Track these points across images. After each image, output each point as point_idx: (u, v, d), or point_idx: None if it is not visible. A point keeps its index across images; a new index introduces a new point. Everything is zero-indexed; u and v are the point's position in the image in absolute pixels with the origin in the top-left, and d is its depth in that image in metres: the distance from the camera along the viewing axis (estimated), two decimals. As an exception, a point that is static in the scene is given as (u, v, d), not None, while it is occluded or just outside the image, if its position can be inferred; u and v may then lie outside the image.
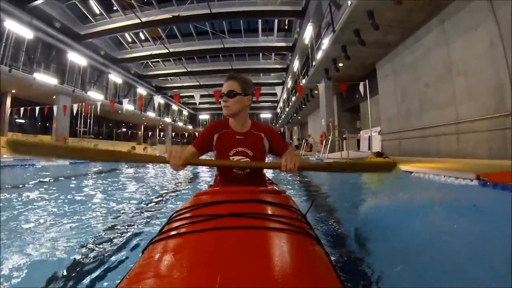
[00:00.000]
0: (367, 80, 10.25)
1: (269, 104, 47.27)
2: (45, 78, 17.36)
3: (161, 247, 0.72)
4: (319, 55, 12.78)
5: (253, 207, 0.92)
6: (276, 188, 1.63)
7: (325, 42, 11.72)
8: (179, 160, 1.41)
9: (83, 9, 18.68)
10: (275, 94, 40.09)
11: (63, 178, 6.45)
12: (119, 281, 0.62)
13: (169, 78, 32.46)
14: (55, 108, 15.68)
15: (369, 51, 10.86)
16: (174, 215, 0.97)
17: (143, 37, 23.41)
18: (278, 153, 1.82)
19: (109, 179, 6.49)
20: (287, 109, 29.80)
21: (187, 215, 0.89)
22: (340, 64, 12.22)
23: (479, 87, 7.07)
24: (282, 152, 1.80)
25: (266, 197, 1.09)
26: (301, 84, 14.89)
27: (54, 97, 18.51)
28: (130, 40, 23.85)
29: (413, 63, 9.70)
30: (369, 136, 12.88)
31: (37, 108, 15.24)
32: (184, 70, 27.85)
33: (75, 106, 13.53)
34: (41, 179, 6.04)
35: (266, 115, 50.86)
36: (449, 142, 8.16)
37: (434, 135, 8.74)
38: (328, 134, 14.10)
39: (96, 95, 22.22)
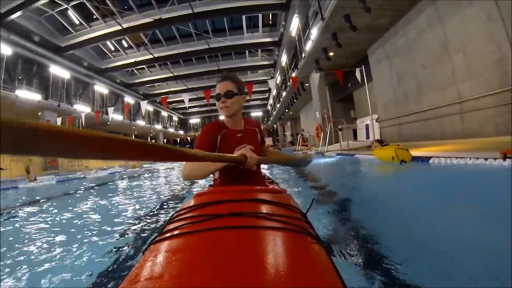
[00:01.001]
0: (363, 66, 9.89)
1: (258, 102, 46.95)
2: (28, 95, 16.79)
3: (162, 247, 0.70)
4: (308, 46, 12.50)
5: (254, 206, 0.91)
6: (276, 187, 1.59)
7: (314, 32, 11.44)
8: (255, 159, 1.42)
9: (61, 21, 18.07)
10: (264, 92, 39.94)
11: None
12: (121, 281, 0.61)
13: (156, 84, 31.86)
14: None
15: (360, 37, 10.64)
16: (174, 215, 0.96)
17: (126, 45, 22.84)
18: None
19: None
20: (278, 105, 29.53)
21: (188, 215, 0.88)
22: (331, 54, 11.96)
23: (480, 63, 6.87)
24: (263, 143, 1.98)
25: (267, 196, 1.06)
26: (293, 76, 14.51)
27: (40, 113, 17.93)
28: (113, 48, 23.23)
29: (407, 46, 9.49)
30: (367, 125, 12.69)
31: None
32: (171, 74, 27.35)
33: (59, 120, 12.93)
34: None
35: (257, 113, 50.50)
36: (452, 122, 7.94)
37: (436, 117, 8.52)
38: (324, 127, 13.86)
39: (82, 108, 21.60)
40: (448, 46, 7.82)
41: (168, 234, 0.78)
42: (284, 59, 20.71)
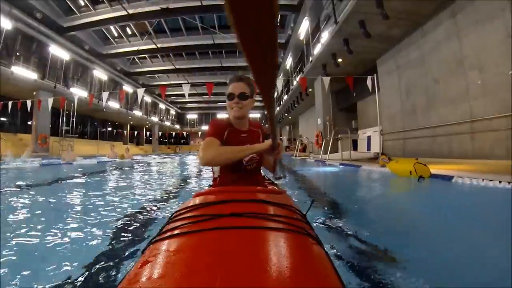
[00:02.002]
0: (375, 74, 9.54)
1: (258, 103, 46.47)
2: (24, 72, 16.28)
3: (161, 247, 0.70)
4: (317, 49, 12.19)
5: (254, 207, 0.92)
6: (276, 188, 1.60)
7: (325, 36, 11.14)
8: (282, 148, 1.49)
9: (67, 1, 17.63)
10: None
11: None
12: (119, 281, 0.61)
13: (156, 75, 31.38)
14: (29, 103, 14.48)
15: (371, 45, 10.36)
16: (174, 215, 0.96)
17: (130, 32, 22.39)
18: None
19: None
20: (278, 108, 29.21)
21: (187, 215, 0.88)
22: (340, 60, 11.66)
23: (496, 81, 6.60)
24: None
25: (267, 197, 1.07)
26: (297, 80, 14.20)
27: (34, 93, 17.39)
28: (116, 34, 22.76)
29: (420, 58, 9.21)
30: (369, 136, 12.41)
31: (10, 103, 13.87)
32: (172, 67, 26.92)
33: (50, 101, 12.42)
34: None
35: (255, 114, 50.15)
36: (462, 141, 7.66)
37: (445, 134, 8.24)
38: (325, 134, 13.55)
39: (79, 92, 21.03)
40: (464, 61, 7.56)
41: (167, 234, 0.77)
42: (289, 62, 20.42)
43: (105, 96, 10.26)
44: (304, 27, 14.52)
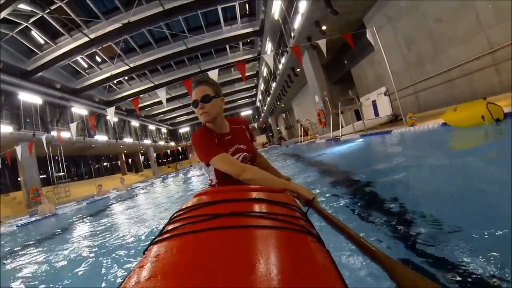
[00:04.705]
0: (373, 26, 8.31)
1: (247, 100, 45.64)
2: (-2, 128, 15.22)
3: (162, 248, 0.70)
4: (298, 22, 11.22)
5: (253, 206, 0.89)
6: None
7: (303, 5, 10.16)
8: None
9: (25, 42, 16.50)
10: (251, 89, 38.65)
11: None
12: (121, 281, 0.60)
13: (138, 97, 30.33)
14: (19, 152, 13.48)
15: (354, 3, 9.46)
16: (174, 215, 0.94)
17: (99, 59, 21.25)
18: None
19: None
20: (268, 99, 28.24)
21: (188, 215, 0.87)
22: (324, 27, 10.71)
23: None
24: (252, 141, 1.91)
25: (267, 195, 1.03)
26: (292, 46, 13.30)
27: (15, 146, 16.35)
28: (86, 65, 21.57)
29: (413, 2, 8.28)
30: (373, 101, 11.49)
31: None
32: (152, 84, 25.85)
33: (18, 150, 11.36)
34: None
35: (246, 112, 49.22)
36: (485, 76, 6.74)
37: (463, 74, 7.32)
38: (327, 111, 12.62)
39: (62, 134, 19.93)
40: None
41: (168, 234, 0.76)
42: (269, 47, 19.46)
43: (73, 127, 9.15)
44: (277, 5, 13.54)
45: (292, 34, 12.43)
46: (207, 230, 0.71)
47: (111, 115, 7.95)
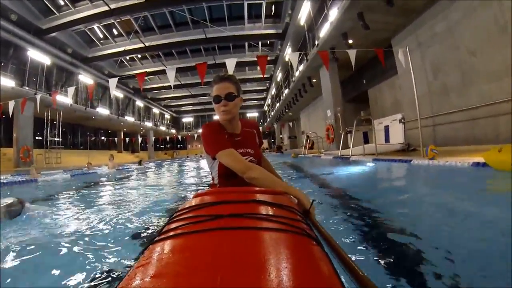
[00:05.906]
0: (407, 46, 7.80)
1: (255, 102, 45.30)
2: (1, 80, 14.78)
3: (161, 248, 0.69)
4: (325, 30, 10.81)
5: (254, 207, 0.91)
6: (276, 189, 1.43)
7: (333, 13, 9.75)
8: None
9: (44, 0, 16.14)
10: (261, 92, 38.25)
11: None
12: (119, 281, 0.59)
13: (147, 78, 29.82)
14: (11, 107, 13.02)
15: (387, 21, 9.08)
16: (174, 215, 0.93)
17: (116, 32, 20.88)
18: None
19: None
20: (277, 105, 27.78)
21: (187, 215, 0.86)
22: (350, 41, 10.29)
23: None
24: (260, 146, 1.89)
25: (267, 197, 1.04)
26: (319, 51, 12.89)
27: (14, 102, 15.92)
28: (101, 36, 21.18)
29: (448, 30, 7.88)
30: (386, 126, 11.07)
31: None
32: (163, 67, 25.42)
33: (11, 105, 10.83)
34: None
35: (252, 114, 48.86)
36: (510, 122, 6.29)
37: (489, 115, 6.87)
38: (337, 127, 12.17)
39: (64, 99, 19.51)
40: (507, 26, 6.24)
41: (167, 234, 0.76)
42: (288, 52, 19.06)
43: (70, 91, 8.69)
44: (305, 10, 13.13)
45: (316, 42, 12.01)
46: (208, 231, 0.71)
47: (113, 86, 7.47)
